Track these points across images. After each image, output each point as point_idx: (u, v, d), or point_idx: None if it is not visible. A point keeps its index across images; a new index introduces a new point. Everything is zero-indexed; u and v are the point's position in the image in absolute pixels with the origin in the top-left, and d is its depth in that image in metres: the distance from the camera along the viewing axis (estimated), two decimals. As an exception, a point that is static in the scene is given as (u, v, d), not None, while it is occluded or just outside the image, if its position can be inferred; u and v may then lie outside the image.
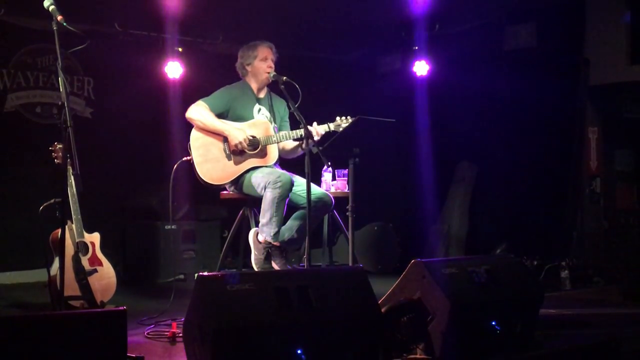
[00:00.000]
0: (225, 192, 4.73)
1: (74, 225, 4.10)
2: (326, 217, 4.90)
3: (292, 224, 4.55)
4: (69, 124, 3.27)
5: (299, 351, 2.66)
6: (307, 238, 4.11)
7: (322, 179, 5.06)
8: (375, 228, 6.71)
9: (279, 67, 4.76)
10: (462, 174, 6.85)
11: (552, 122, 6.19)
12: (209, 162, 4.55)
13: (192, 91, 5.35)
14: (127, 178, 6.35)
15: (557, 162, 6.20)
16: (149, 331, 3.72)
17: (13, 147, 5.90)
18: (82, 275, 4.01)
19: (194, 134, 4.60)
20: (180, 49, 6.19)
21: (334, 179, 5.09)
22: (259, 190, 4.46)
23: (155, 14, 5.77)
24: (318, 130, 4.57)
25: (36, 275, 5.47)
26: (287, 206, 4.45)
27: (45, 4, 3.48)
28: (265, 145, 4.63)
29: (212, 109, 4.63)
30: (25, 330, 2.34)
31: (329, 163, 4.09)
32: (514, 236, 6.14)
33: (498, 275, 3.31)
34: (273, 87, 4.80)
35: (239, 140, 4.53)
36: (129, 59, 6.23)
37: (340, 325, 2.82)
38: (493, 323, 3.18)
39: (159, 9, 5.66)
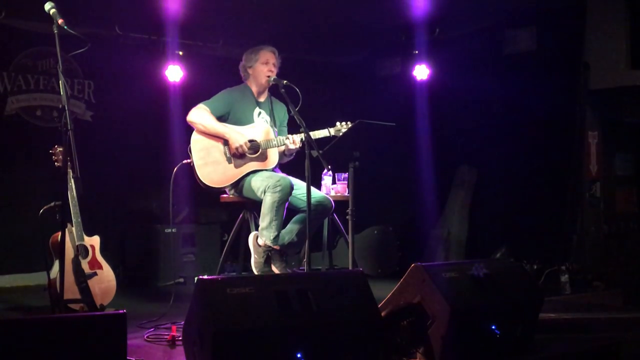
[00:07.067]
0: (225, 195, 4.74)
1: (74, 229, 4.10)
2: (326, 220, 4.90)
3: (292, 227, 4.55)
4: (69, 127, 3.28)
5: (298, 355, 2.66)
6: (307, 241, 4.12)
7: (322, 182, 5.06)
8: (375, 232, 6.71)
9: (280, 70, 4.78)
10: (462, 178, 6.84)
11: (552, 126, 6.19)
12: (210, 165, 4.55)
13: (193, 95, 5.35)
14: (127, 181, 6.34)
15: (557, 166, 6.20)
16: (148, 334, 3.71)
17: (13, 150, 5.89)
18: (81, 279, 4.01)
19: (195, 137, 4.60)
20: (180, 53, 6.18)
21: (334, 182, 5.09)
22: (258, 193, 4.46)
23: (156, 18, 5.78)
24: (293, 142, 4.60)
25: (36, 278, 5.47)
26: (287, 209, 4.46)
27: (46, 7, 3.49)
28: (266, 149, 4.64)
29: (213, 112, 4.63)
30: (25, 333, 2.33)
31: (329, 166, 4.09)
32: (514, 240, 6.13)
33: (498, 280, 3.31)
34: (274, 91, 4.81)
35: (239, 143, 4.54)
36: (130, 62, 6.22)
37: (340, 329, 2.81)
38: (493, 327, 3.18)
39: (160, 12, 5.67)
